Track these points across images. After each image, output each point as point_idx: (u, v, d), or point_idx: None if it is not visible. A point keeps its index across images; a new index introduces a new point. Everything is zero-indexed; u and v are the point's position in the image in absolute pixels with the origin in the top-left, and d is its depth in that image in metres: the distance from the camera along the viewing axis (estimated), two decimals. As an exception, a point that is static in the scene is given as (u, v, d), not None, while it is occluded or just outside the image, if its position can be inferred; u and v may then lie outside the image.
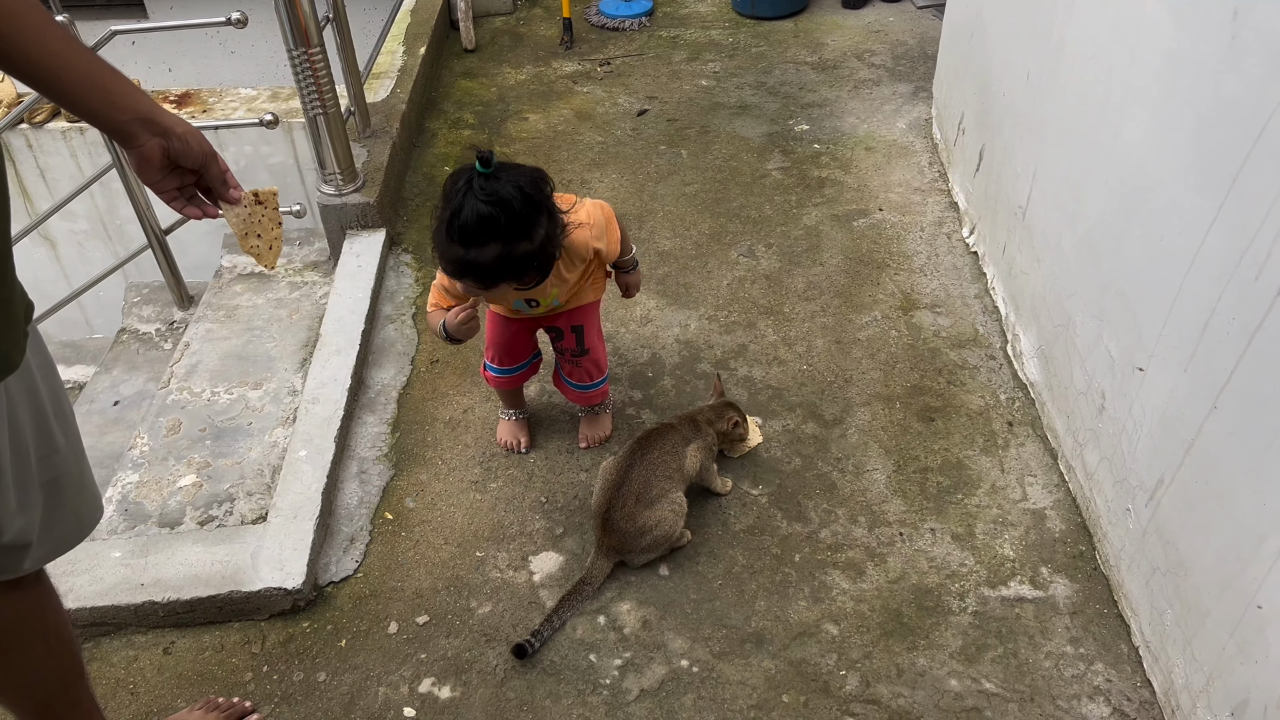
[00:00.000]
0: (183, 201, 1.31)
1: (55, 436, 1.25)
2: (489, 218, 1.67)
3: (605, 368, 2.24)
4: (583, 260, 1.97)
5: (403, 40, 3.68)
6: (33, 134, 4.67)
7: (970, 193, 2.88)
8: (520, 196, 1.70)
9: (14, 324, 1.12)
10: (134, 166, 1.24)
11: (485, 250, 1.70)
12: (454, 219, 1.69)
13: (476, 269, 1.73)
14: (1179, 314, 1.68)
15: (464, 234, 1.69)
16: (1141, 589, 1.85)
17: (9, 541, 1.21)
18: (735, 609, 1.98)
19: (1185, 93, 1.66)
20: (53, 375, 1.26)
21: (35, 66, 1.11)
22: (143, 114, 1.19)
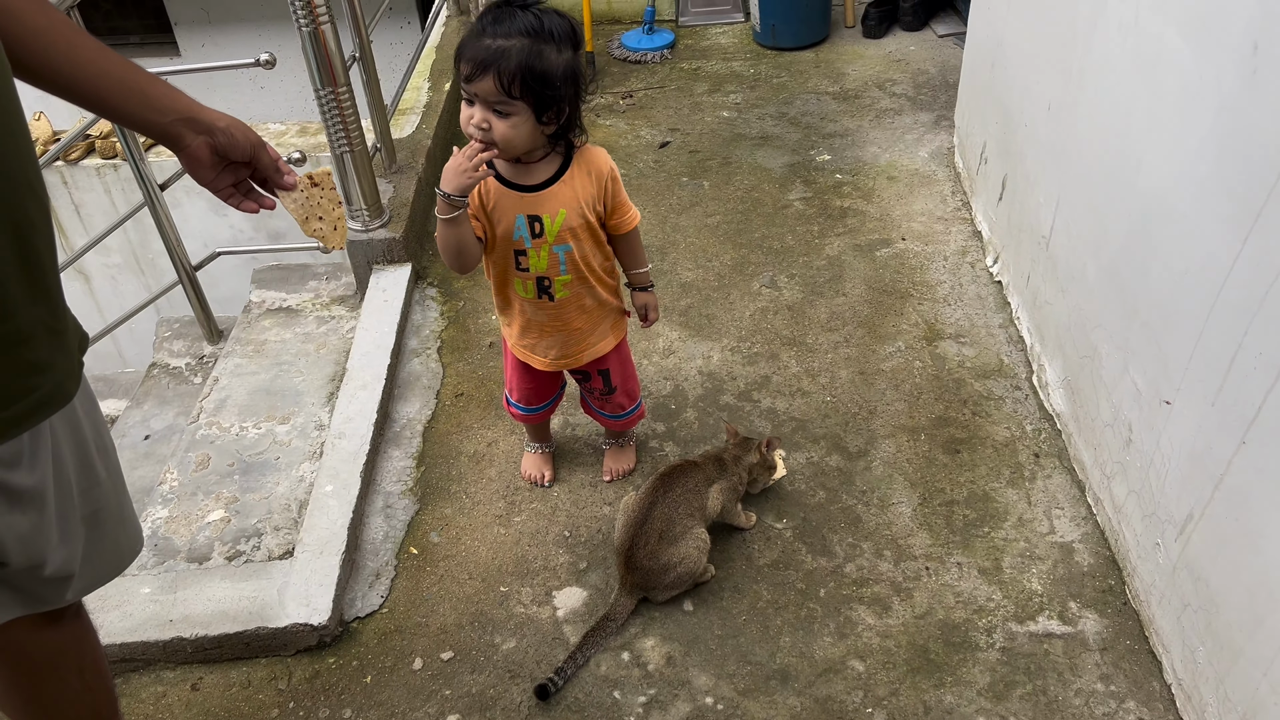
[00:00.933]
0: (239, 197, 1.32)
1: (97, 470, 1.27)
2: (522, 19, 1.63)
3: (637, 394, 2.24)
4: (598, 183, 1.85)
5: (428, 76, 3.73)
6: (68, 171, 4.78)
7: (993, 222, 2.88)
8: (554, 14, 1.67)
9: (69, 355, 1.13)
10: (186, 169, 1.25)
11: (512, 40, 1.62)
12: (484, 18, 1.65)
13: (501, 57, 1.60)
14: (1205, 347, 1.66)
15: (494, 20, 1.64)
16: (1173, 625, 1.82)
17: (51, 574, 1.23)
18: (760, 645, 1.97)
19: (1207, 125, 1.65)
20: (95, 409, 1.28)
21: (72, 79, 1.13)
22: (184, 113, 1.20)
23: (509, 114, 1.67)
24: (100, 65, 1.13)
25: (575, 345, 2.04)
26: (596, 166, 1.86)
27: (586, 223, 1.87)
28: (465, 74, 1.65)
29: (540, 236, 1.85)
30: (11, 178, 0.99)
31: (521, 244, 1.85)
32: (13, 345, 1.03)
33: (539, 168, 1.82)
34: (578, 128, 1.80)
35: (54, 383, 1.09)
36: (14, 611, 1.24)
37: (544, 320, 1.99)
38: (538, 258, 1.87)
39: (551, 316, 1.98)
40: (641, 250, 2.04)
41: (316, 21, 2.50)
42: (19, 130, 1.00)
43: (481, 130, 1.68)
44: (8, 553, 1.13)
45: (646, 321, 2.12)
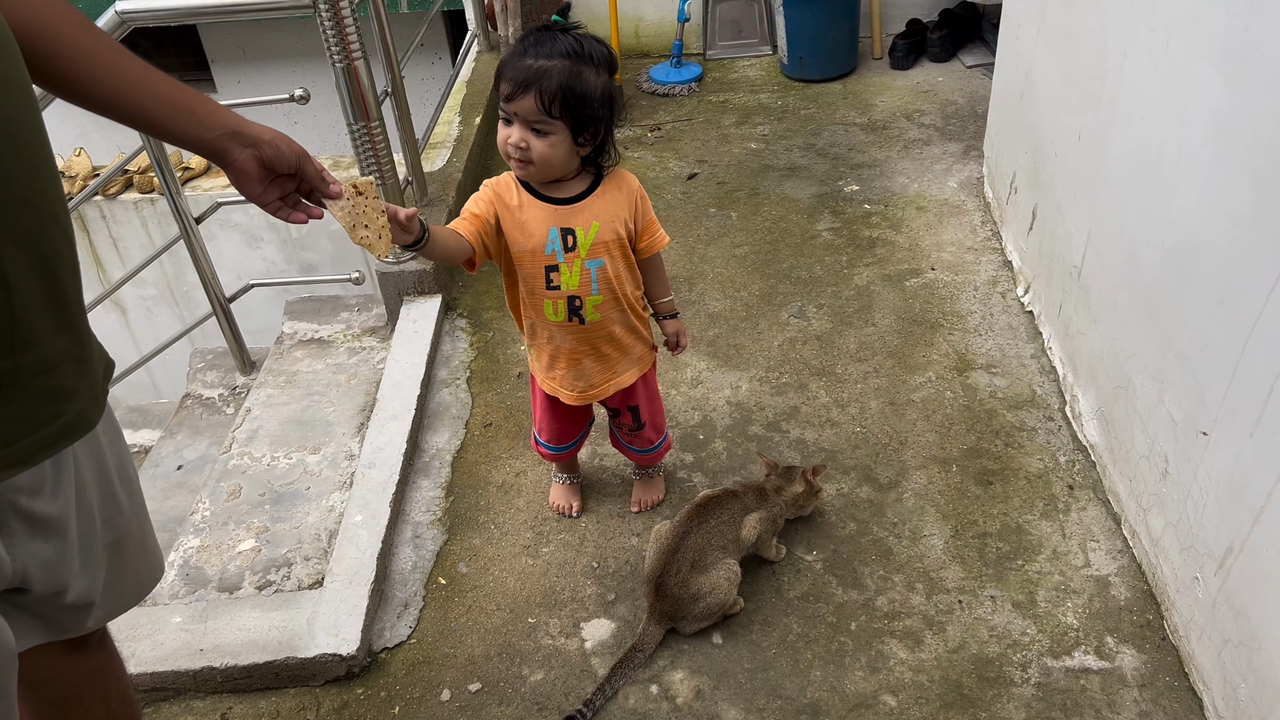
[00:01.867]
0: (287, 210, 1.34)
1: (119, 498, 1.28)
2: (561, 41, 1.68)
3: (664, 427, 2.24)
4: (629, 200, 1.88)
5: (459, 110, 3.78)
6: (106, 205, 4.88)
7: (1024, 252, 2.86)
8: (592, 39, 1.72)
9: (92, 381, 1.15)
10: (234, 183, 1.27)
11: (555, 64, 1.66)
12: (525, 39, 1.69)
13: (543, 76, 1.65)
14: (1242, 378, 1.64)
15: (536, 42, 1.68)
16: (1213, 661, 1.78)
17: (72, 601, 1.24)
18: (790, 679, 1.95)
19: (1239, 155, 1.64)
20: (118, 438, 1.29)
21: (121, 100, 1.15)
22: (230, 128, 1.22)
23: (548, 133, 1.69)
24: (148, 85, 1.16)
25: (603, 374, 2.03)
26: (627, 184, 1.89)
27: (618, 238, 1.87)
28: (506, 93, 1.68)
29: (573, 250, 1.84)
30: (39, 212, 1.01)
31: (554, 258, 1.84)
32: (38, 374, 1.04)
33: (571, 184, 1.84)
34: (610, 150, 1.83)
35: (78, 410, 1.11)
36: (36, 639, 1.25)
37: (573, 346, 1.97)
38: (569, 273, 1.86)
39: (581, 341, 1.97)
40: (666, 278, 2.06)
41: (350, 58, 2.55)
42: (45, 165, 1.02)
43: (519, 150, 1.71)
44: (30, 580, 1.14)
45: (678, 349, 2.11)
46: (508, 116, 1.71)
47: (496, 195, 1.84)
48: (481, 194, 1.85)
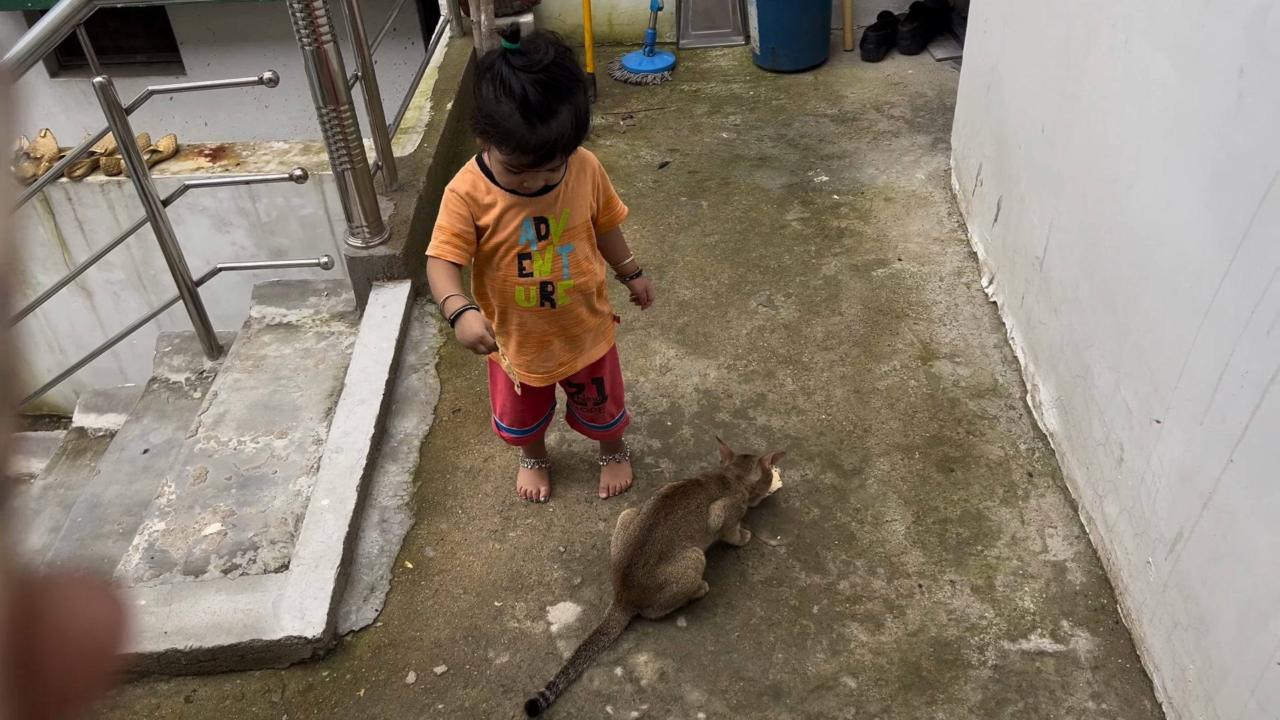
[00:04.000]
0: None
1: None
2: (552, 85, 1.64)
3: (623, 401, 2.26)
4: (591, 179, 1.90)
5: (430, 96, 3.77)
6: (72, 188, 4.81)
7: (989, 243, 2.90)
8: (558, 50, 1.68)
9: None
10: None
11: (561, 118, 1.66)
12: (525, 107, 1.63)
13: (562, 141, 1.68)
14: (1194, 367, 1.68)
15: (541, 112, 1.64)
16: (1164, 644, 1.83)
17: None
18: (753, 661, 1.98)
19: (1194, 147, 1.67)
20: None
21: None
22: None
23: (561, 166, 1.78)
24: None
25: (571, 354, 2.04)
26: (589, 165, 1.91)
27: (586, 220, 1.90)
28: (528, 164, 1.70)
29: (545, 238, 1.86)
30: None
31: (527, 247, 1.85)
32: None
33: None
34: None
35: None
36: None
37: (543, 330, 1.98)
38: (542, 261, 1.87)
39: (551, 323, 1.97)
40: (625, 243, 2.11)
41: (319, 41, 2.54)
42: None
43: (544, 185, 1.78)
44: None
45: (647, 302, 2.15)
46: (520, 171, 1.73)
47: (469, 198, 1.81)
48: (453, 206, 1.81)
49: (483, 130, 1.70)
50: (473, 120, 1.73)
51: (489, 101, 1.66)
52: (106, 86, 2.61)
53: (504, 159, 1.72)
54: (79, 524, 2.65)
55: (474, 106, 1.71)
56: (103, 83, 2.60)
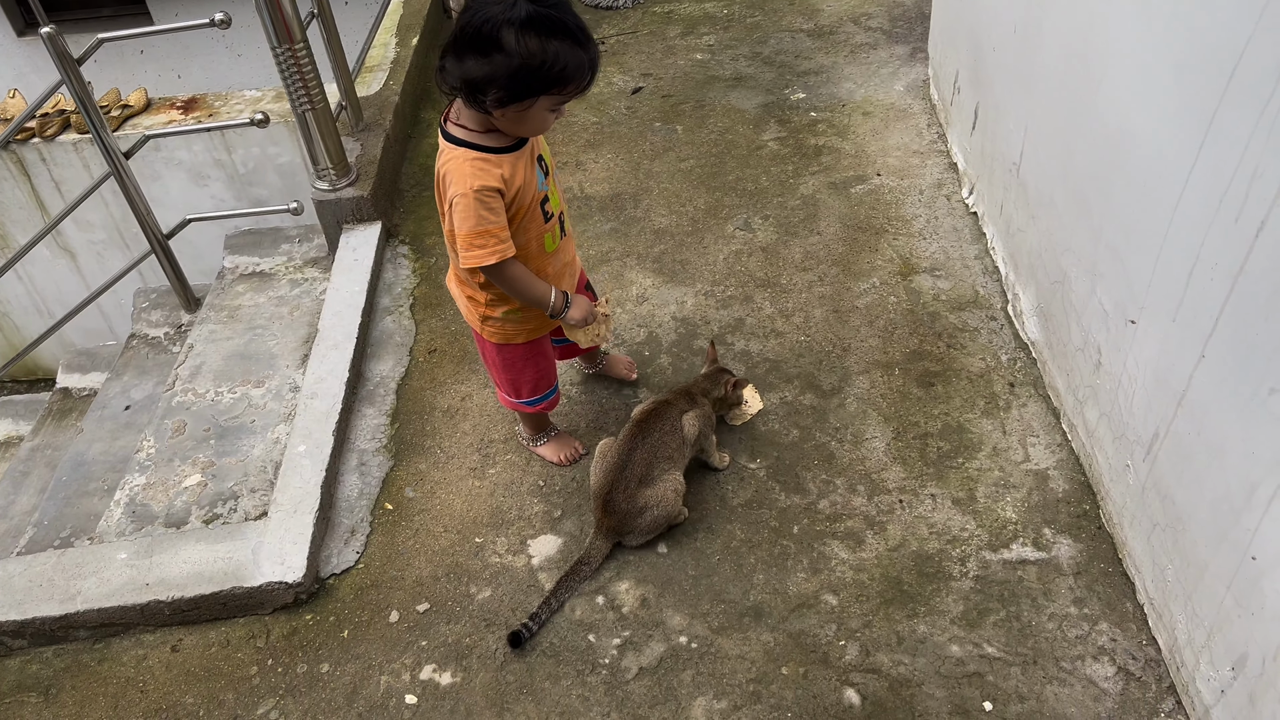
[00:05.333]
0: None
1: None
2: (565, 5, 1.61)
3: None
4: None
5: (395, 32, 3.68)
6: (45, 148, 4.74)
7: (968, 152, 2.83)
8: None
9: None
10: None
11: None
12: (576, 35, 1.58)
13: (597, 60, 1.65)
14: (1165, 263, 1.64)
15: (585, 32, 1.61)
16: (1143, 546, 1.81)
17: None
18: (734, 583, 1.97)
19: (1160, 36, 1.61)
20: None
21: None
22: None
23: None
24: None
25: (574, 276, 2.03)
26: None
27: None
28: (582, 89, 1.64)
29: (547, 174, 1.85)
30: None
31: (541, 190, 1.82)
32: None
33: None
34: None
35: None
36: None
37: (561, 266, 1.95)
38: (553, 195, 1.87)
39: (564, 255, 1.96)
40: None
41: (267, -23, 2.46)
42: None
43: None
44: None
45: None
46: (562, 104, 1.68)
47: (502, 182, 1.72)
48: (490, 203, 1.71)
49: (528, 87, 1.59)
50: (499, 89, 1.59)
51: (536, 52, 1.56)
52: (55, 37, 2.54)
53: (559, 98, 1.64)
54: (64, 483, 2.65)
55: (493, 73, 1.58)
56: (50, 33, 2.53)
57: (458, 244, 1.75)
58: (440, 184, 1.76)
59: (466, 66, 1.59)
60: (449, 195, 1.72)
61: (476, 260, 1.74)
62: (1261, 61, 1.32)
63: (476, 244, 1.72)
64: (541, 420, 2.24)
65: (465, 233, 1.72)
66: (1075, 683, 1.75)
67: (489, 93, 1.60)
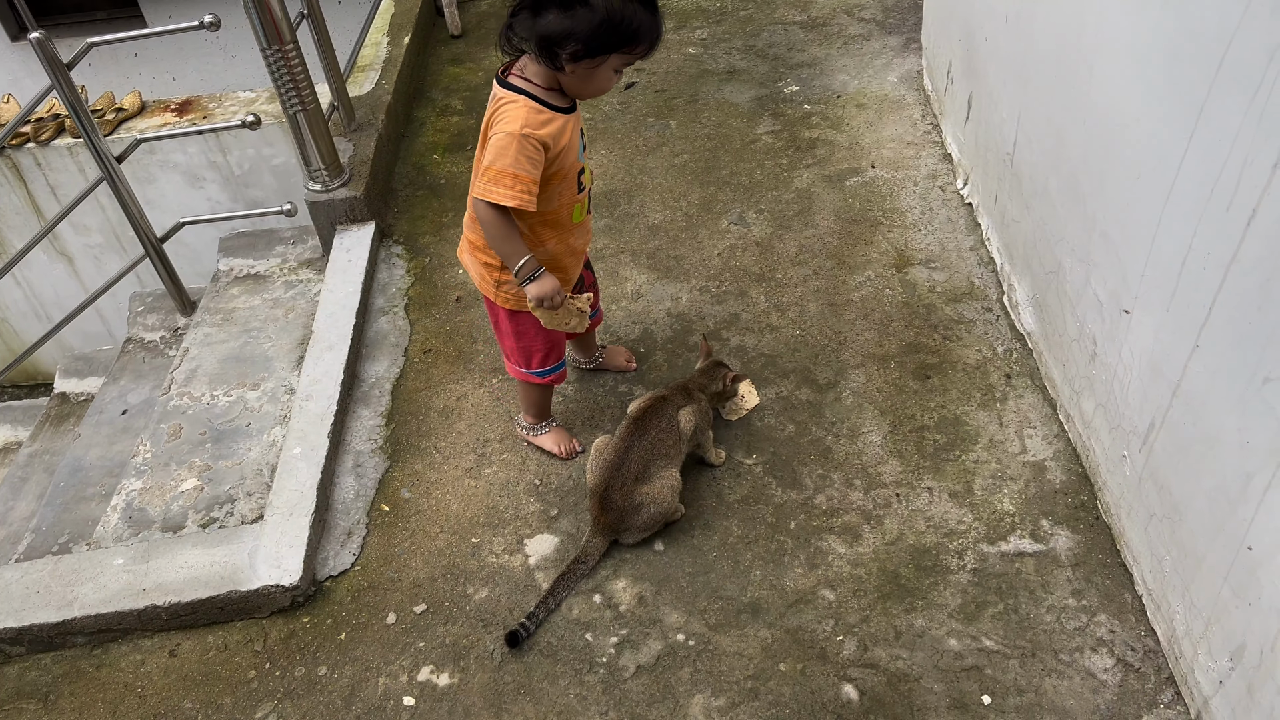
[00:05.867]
0: None
1: None
2: None
3: None
4: None
5: (387, 31, 3.67)
6: (40, 152, 4.73)
7: (963, 143, 2.82)
8: None
9: None
10: None
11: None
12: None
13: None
14: (1159, 252, 1.63)
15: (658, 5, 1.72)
16: (1141, 536, 1.80)
17: None
18: (731, 580, 1.97)
19: (1152, 23, 1.60)
20: None
21: None
22: None
23: None
24: None
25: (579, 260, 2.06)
26: None
27: None
28: (651, 48, 1.73)
29: (585, 148, 1.92)
30: None
31: (581, 162, 1.89)
32: None
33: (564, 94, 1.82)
34: None
35: None
36: None
37: (582, 242, 2.02)
38: (587, 169, 1.93)
39: (585, 231, 2.02)
40: None
41: (255, -22, 2.45)
42: None
43: None
44: None
45: None
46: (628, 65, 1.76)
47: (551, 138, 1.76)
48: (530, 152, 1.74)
49: (604, 43, 1.67)
50: (577, 43, 1.66)
51: (617, 9, 1.65)
52: (44, 42, 2.53)
53: (627, 58, 1.72)
54: (62, 488, 2.65)
55: (573, 28, 1.65)
56: (39, 38, 2.52)
57: (482, 176, 1.76)
58: (487, 126, 1.79)
59: (546, 21, 1.67)
60: (494, 131, 1.75)
61: (494, 196, 1.75)
62: (1250, 49, 1.31)
63: (504, 182, 1.74)
64: (544, 406, 2.24)
65: (497, 169, 1.74)
66: (1074, 675, 1.75)
67: (566, 47, 1.67)
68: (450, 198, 3.08)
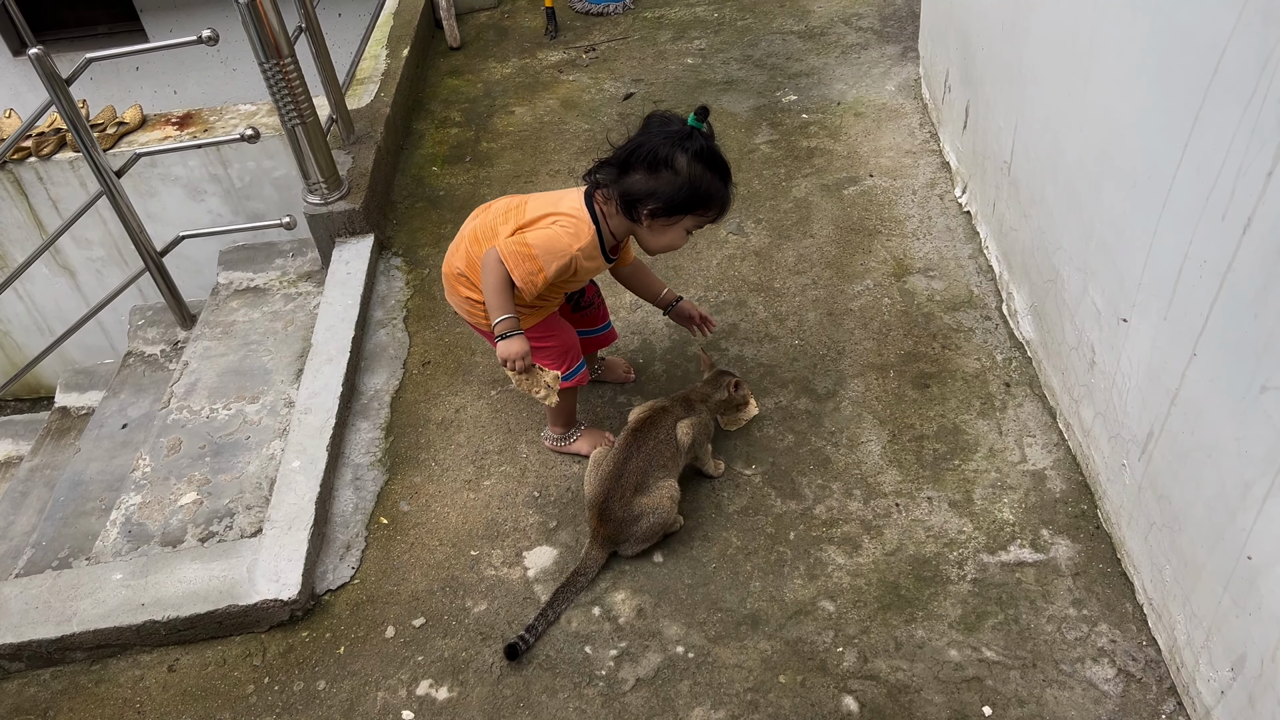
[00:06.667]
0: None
1: None
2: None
3: None
4: None
5: (385, 44, 3.68)
6: (41, 167, 4.75)
7: (960, 151, 2.82)
8: None
9: None
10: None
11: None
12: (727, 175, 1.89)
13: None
14: (1155, 260, 1.63)
15: (726, 166, 1.90)
16: (1141, 545, 1.80)
17: None
18: (730, 591, 1.96)
19: (1146, 31, 1.60)
20: None
21: None
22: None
23: None
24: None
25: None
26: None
27: None
28: (714, 217, 1.93)
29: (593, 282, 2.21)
30: None
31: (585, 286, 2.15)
32: None
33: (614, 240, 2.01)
34: None
35: None
36: None
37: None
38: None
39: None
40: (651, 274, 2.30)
41: (252, -7, 2.46)
42: None
43: None
44: None
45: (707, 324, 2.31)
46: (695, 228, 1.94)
47: (588, 260, 1.94)
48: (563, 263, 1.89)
49: (686, 205, 1.87)
50: (657, 203, 1.86)
51: (705, 179, 1.86)
52: (43, 58, 2.54)
53: (697, 222, 1.92)
54: (62, 503, 2.65)
55: (656, 189, 1.85)
56: (39, 54, 2.53)
57: (518, 243, 1.88)
58: (553, 206, 1.94)
59: (632, 180, 1.87)
60: (557, 217, 1.91)
61: (517, 263, 1.86)
62: (1244, 58, 1.31)
63: (529, 266, 1.87)
64: (570, 413, 2.25)
65: (534, 254, 1.87)
66: (1075, 685, 1.74)
67: (647, 205, 1.87)
68: (449, 209, 3.08)
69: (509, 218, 1.96)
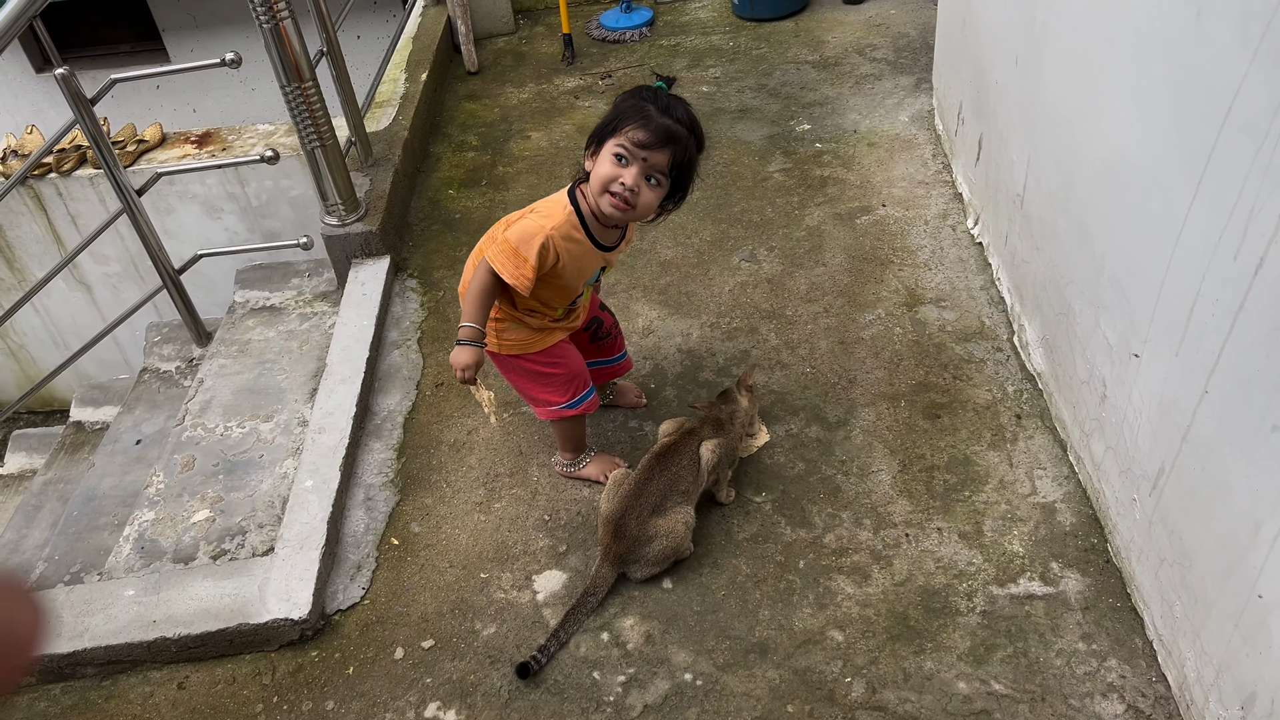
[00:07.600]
0: None
1: None
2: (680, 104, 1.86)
3: None
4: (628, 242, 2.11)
5: (404, 68, 3.72)
6: (61, 183, 4.80)
7: (973, 183, 2.84)
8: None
9: None
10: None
11: (683, 129, 1.82)
12: (651, 94, 1.84)
13: (682, 140, 1.81)
14: (1167, 297, 1.64)
15: (667, 107, 1.82)
16: (1151, 581, 1.80)
17: None
18: (739, 619, 1.97)
19: (1157, 69, 1.62)
20: None
21: None
22: None
23: (658, 187, 1.85)
24: None
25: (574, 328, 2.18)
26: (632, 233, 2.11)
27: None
28: (642, 140, 1.79)
29: (596, 281, 2.14)
30: None
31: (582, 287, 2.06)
32: None
33: (613, 232, 1.99)
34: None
35: None
36: None
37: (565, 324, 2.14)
38: (584, 299, 2.13)
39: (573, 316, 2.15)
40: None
41: (277, 18, 2.50)
42: None
43: (630, 192, 1.82)
44: None
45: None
46: (628, 157, 1.81)
47: (568, 241, 1.91)
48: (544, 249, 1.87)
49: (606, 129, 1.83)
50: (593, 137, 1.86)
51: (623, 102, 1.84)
52: (69, 78, 2.58)
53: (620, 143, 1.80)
54: (75, 518, 2.67)
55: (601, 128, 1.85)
56: (64, 74, 2.57)
57: (500, 244, 1.88)
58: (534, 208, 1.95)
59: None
60: (531, 215, 1.91)
61: (504, 263, 1.87)
62: (1256, 101, 1.33)
63: (512, 259, 1.87)
64: (580, 439, 2.25)
65: (513, 244, 1.87)
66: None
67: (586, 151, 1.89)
68: (465, 232, 3.11)
69: (505, 224, 1.99)
